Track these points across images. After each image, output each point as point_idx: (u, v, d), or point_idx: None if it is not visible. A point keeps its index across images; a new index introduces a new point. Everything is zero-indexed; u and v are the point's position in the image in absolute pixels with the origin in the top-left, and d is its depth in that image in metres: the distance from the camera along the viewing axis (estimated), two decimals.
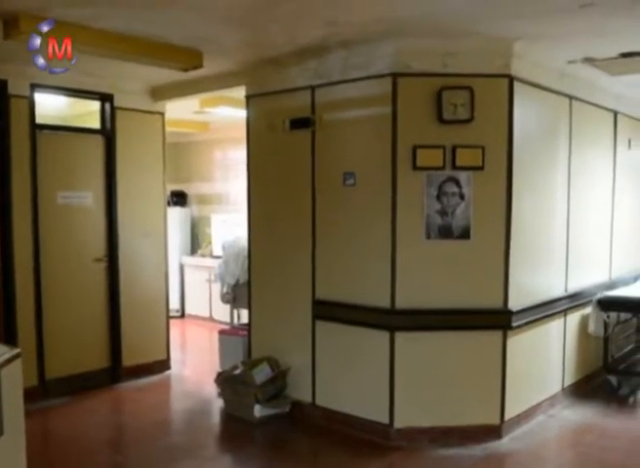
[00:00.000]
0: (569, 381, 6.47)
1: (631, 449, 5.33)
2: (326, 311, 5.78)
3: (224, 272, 7.61)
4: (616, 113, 7.15)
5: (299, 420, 5.94)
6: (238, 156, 9.32)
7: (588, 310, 6.64)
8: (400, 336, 5.31)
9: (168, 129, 7.73)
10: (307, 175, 5.82)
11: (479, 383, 5.44)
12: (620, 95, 7.08)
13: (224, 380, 6.28)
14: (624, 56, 5.51)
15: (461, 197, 5.29)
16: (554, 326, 6.19)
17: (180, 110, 8.40)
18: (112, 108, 6.97)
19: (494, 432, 5.40)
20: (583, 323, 6.67)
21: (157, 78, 6.82)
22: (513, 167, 5.29)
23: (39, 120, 6.43)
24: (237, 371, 6.17)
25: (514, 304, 5.37)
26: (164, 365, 7.63)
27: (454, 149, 5.22)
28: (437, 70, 5.20)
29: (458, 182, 5.28)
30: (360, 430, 5.54)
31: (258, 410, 5.87)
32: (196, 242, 11.52)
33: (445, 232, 5.31)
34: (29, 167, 6.30)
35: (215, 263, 8.63)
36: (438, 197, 5.28)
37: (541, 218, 5.91)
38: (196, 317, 10.81)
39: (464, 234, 5.31)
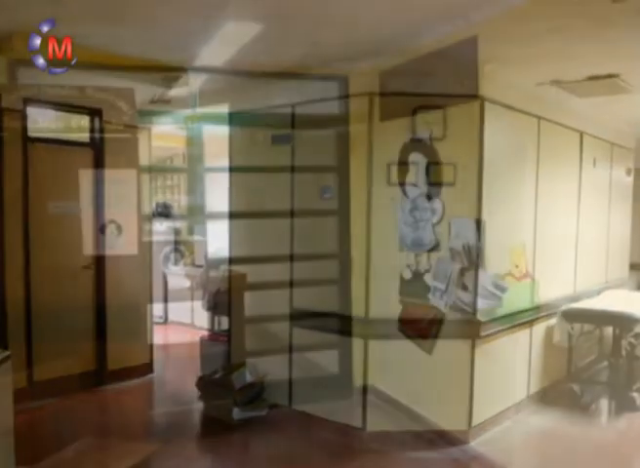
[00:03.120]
0: (534, 389, 6.58)
1: (593, 454, 5.48)
2: (303, 319, 5.88)
3: (206, 281, 7.79)
4: (582, 133, 7.28)
5: (275, 423, 6.04)
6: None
7: (554, 321, 6.76)
8: (373, 344, 5.45)
9: (154, 143, 7.82)
10: (287, 188, 5.92)
11: (448, 390, 5.55)
12: (586, 115, 7.20)
13: (205, 384, 6.40)
14: (591, 78, 5.64)
15: (433, 212, 5.42)
16: (521, 336, 6.29)
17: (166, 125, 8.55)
18: (101, 122, 7.08)
19: (462, 437, 5.50)
20: (549, 333, 6.77)
21: (144, 94, 6.93)
22: (483, 183, 5.37)
23: (31, 133, 6.52)
24: (217, 376, 6.28)
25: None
26: (147, 368, 7.68)
27: (427, 166, 5.35)
28: (412, 90, 5.31)
29: (430, 198, 5.42)
30: (334, 433, 5.65)
31: (236, 413, 5.97)
32: (179, 251, 11.64)
33: (417, 245, 5.48)
34: (21, 177, 6.40)
35: (197, 272, 8.78)
36: (411, 211, 5.42)
37: (509, 233, 6.01)
38: (179, 323, 10.87)
39: (436, 247, 5.45)
